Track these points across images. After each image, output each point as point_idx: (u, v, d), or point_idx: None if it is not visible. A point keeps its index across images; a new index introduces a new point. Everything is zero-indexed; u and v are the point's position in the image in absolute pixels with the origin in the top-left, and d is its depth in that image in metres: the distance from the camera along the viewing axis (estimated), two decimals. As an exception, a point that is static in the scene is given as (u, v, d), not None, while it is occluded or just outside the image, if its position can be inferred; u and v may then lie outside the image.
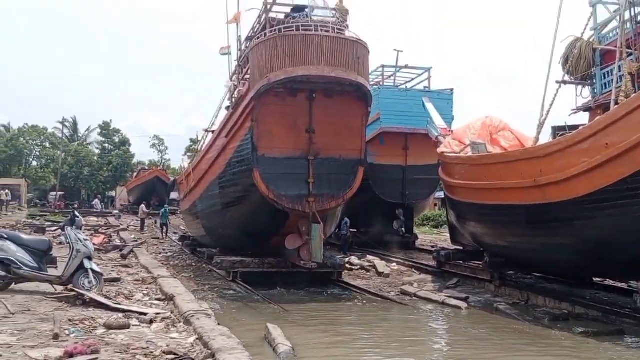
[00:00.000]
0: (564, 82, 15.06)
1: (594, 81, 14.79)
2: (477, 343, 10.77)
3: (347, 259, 20.12)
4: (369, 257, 21.71)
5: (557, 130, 14.64)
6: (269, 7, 16.89)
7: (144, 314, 9.45)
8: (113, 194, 78.30)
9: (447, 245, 21.90)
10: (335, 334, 11.42)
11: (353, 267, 19.66)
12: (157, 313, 9.68)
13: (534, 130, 14.83)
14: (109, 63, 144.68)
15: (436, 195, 31.52)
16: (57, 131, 77.18)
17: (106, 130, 79.73)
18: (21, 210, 50.87)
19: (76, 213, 12.29)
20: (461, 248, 18.70)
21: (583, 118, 15.11)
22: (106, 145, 79.92)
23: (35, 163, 79.25)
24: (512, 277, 16.28)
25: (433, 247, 24.26)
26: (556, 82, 14.88)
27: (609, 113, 11.41)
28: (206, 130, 22.68)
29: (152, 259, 19.40)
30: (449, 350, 10.74)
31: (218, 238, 19.97)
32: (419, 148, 24.83)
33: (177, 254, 23.96)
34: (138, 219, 38.72)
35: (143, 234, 32.65)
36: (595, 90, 14.77)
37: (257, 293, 14.90)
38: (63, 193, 68.39)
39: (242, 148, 16.21)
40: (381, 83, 27.13)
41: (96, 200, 63.75)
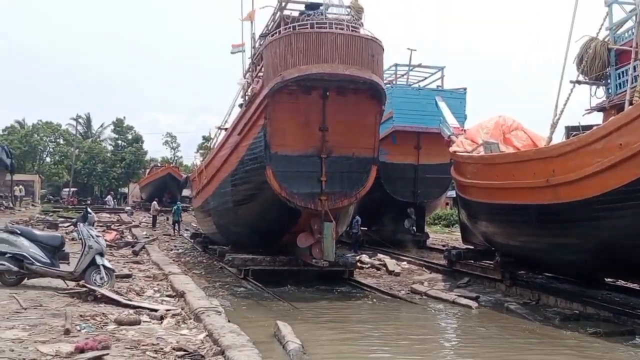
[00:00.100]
0: (578, 82, 14.96)
1: (609, 81, 14.69)
2: (487, 342, 10.76)
3: (358, 257, 20.11)
4: (380, 256, 21.69)
5: (571, 130, 14.56)
6: (284, 5, 16.82)
7: (155, 310, 9.50)
8: (125, 191, 78.60)
9: (458, 244, 21.83)
10: (344, 332, 11.43)
11: (364, 266, 19.65)
12: (168, 309, 9.74)
13: (546, 130, 14.78)
14: (124, 60, 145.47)
15: (448, 194, 31.43)
16: (71, 127, 77.73)
17: (119, 127, 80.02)
18: (34, 206, 51.20)
19: (89, 209, 12.40)
20: (472, 247, 18.62)
21: (597, 118, 15.03)
22: (119, 141, 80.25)
23: (48, 159, 79.78)
24: (523, 277, 16.18)
25: (444, 246, 24.25)
26: (570, 82, 14.79)
27: (623, 113, 11.32)
28: (219, 127, 22.68)
29: (164, 256, 19.50)
30: (459, 349, 10.72)
31: (229, 235, 19.99)
32: (431, 147, 24.77)
33: (189, 251, 24.06)
34: (150, 216, 38.85)
35: (155, 231, 32.76)
36: (609, 90, 14.67)
37: (267, 290, 14.93)
38: (76, 189, 68.70)
39: (255, 146, 16.18)
40: (394, 82, 27.04)
41: (109, 196, 63.94)
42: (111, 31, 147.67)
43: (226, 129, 20.72)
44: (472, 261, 17.78)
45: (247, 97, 18.15)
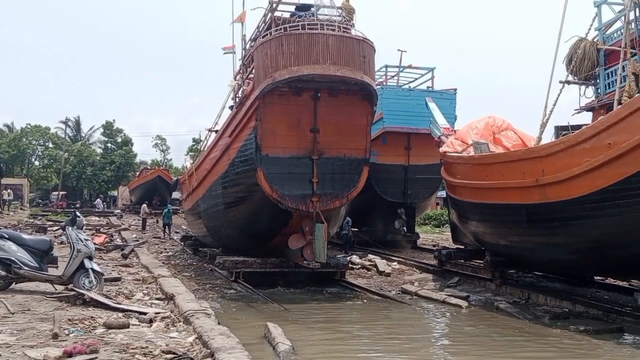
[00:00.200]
0: (568, 82, 15.02)
1: (598, 81, 14.78)
2: (477, 341, 10.78)
3: (349, 258, 20.10)
4: (370, 256, 21.72)
5: (560, 129, 14.62)
6: (275, 6, 16.78)
7: (144, 314, 9.44)
8: (115, 194, 78.31)
9: (449, 244, 21.87)
10: (335, 332, 11.42)
11: (354, 266, 19.62)
12: (157, 312, 9.68)
13: (536, 129, 14.81)
14: (113, 63, 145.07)
15: (438, 194, 31.49)
16: (60, 131, 77.45)
17: (109, 129, 79.83)
18: (23, 209, 50.89)
19: (77, 213, 12.31)
20: (462, 247, 18.66)
21: (586, 118, 15.11)
22: (109, 144, 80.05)
23: (37, 163, 79.51)
24: (513, 276, 16.28)
25: (434, 246, 24.30)
26: (560, 82, 14.85)
27: (612, 113, 11.39)
28: (209, 129, 22.61)
29: (153, 259, 19.42)
30: (449, 347, 10.70)
31: (220, 238, 19.94)
32: (422, 148, 24.82)
33: (178, 254, 23.95)
34: (140, 219, 38.69)
35: (144, 234, 32.61)
36: (598, 90, 14.76)
37: (258, 292, 14.89)
38: (65, 192, 68.44)
39: (246, 147, 16.12)
40: (384, 83, 27.07)
41: (98, 199, 63.77)
42: (101, 34, 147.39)
43: (217, 131, 20.67)
44: (463, 261, 17.81)
45: (238, 99, 18.10)
